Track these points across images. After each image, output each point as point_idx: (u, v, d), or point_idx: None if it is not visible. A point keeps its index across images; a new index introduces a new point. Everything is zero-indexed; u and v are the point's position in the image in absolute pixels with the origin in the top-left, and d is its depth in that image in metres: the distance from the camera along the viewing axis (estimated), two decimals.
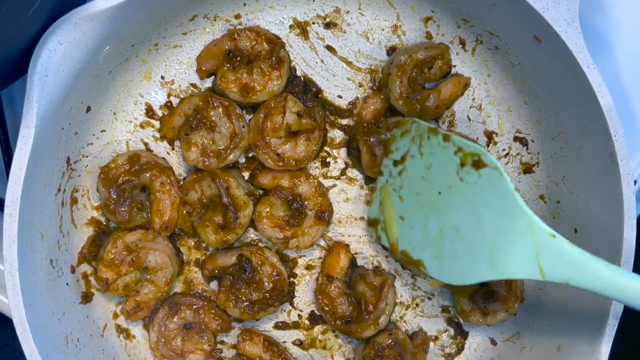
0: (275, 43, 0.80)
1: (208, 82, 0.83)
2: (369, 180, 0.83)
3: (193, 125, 0.79)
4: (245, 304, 0.80)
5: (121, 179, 0.79)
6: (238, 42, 0.80)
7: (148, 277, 0.80)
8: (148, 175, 0.80)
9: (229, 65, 0.80)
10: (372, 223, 0.81)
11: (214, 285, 0.84)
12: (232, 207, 0.79)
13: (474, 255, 0.66)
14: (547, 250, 0.61)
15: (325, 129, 0.83)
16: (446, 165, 0.69)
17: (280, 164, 0.80)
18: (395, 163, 0.76)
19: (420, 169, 0.73)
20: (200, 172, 0.81)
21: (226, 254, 0.81)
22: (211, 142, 0.79)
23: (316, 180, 0.82)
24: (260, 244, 0.84)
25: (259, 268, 0.80)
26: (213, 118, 0.79)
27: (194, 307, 0.81)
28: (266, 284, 0.81)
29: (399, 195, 0.75)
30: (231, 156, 0.80)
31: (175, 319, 0.81)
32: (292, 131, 0.80)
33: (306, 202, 0.81)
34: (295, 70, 0.83)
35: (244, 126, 0.80)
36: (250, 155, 0.83)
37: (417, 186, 0.73)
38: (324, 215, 0.81)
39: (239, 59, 0.80)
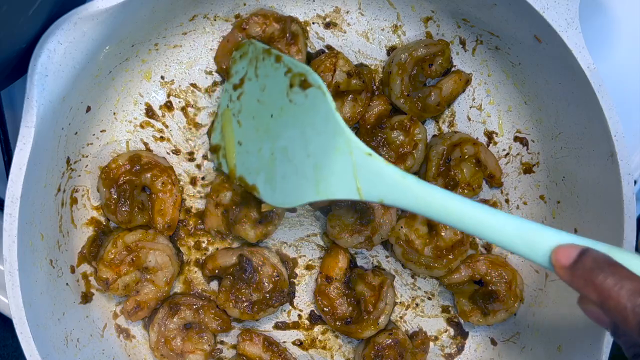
0: (285, 20, 0.79)
1: (209, 81, 0.83)
2: None
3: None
4: (245, 304, 0.80)
5: (122, 179, 0.79)
6: (249, 31, 0.79)
7: (148, 277, 0.80)
8: (149, 175, 0.80)
9: None
10: (214, 149, 0.79)
11: (214, 285, 0.84)
12: None
13: (300, 176, 0.67)
14: (364, 169, 0.62)
15: (373, 91, 0.82)
16: (278, 86, 0.69)
17: None
18: (235, 87, 0.74)
19: (256, 91, 0.72)
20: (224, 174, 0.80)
21: (227, 253, 0.81)
22: None
23: None
24: (260, 244, 0.84)
25: (259, 268, 0.80)
26: None
27: (194, 307, 0.81)
28: (266, 284, 0.80)
29: (238, 120, 0.74)
30: None
31: (175, 319, 0.81)
32: (340, 90, 0.79)
33: None
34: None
35: None
36: None
37: (253, 110, 0.72)
38: None
39: None
